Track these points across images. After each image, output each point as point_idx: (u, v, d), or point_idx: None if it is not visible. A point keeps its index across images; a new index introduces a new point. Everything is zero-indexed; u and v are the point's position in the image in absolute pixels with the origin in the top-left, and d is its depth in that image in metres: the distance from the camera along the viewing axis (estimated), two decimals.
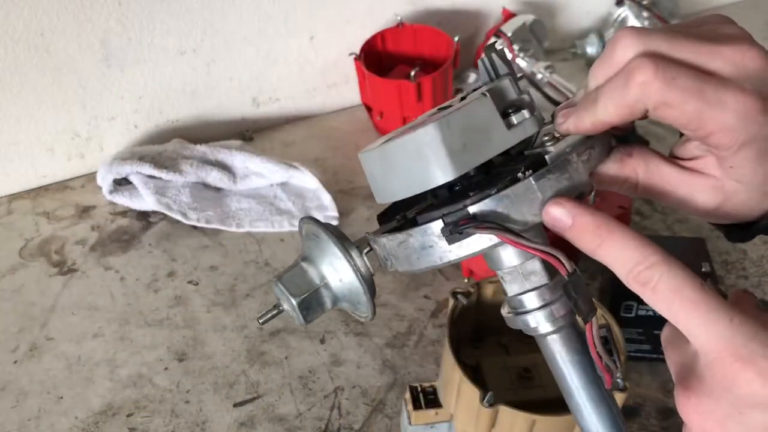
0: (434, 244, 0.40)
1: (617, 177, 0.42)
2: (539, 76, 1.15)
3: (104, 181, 1.04)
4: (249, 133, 1.20)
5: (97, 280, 0.93)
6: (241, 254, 0.97)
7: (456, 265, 0.92)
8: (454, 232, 0.38)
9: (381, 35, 1.18)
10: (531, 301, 0.42)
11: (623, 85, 0.38)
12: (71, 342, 0.84)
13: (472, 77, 1.25)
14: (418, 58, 1.20)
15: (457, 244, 0.39)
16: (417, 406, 0.65)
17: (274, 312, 0.45)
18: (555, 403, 0.65)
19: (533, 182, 0.38)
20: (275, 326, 0.86)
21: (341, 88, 1.24)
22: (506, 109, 0.40)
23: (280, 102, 1.21)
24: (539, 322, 0.43)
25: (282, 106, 1.21)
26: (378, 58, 1.18)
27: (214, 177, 1.03)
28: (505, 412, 0.60)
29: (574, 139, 0.41)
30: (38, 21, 0.98)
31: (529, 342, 0.73)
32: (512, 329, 0.76)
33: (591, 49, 1.22)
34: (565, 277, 0.39)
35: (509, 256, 0.42)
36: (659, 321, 0.80)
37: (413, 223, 0.41)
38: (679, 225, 0.99)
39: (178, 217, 1.00)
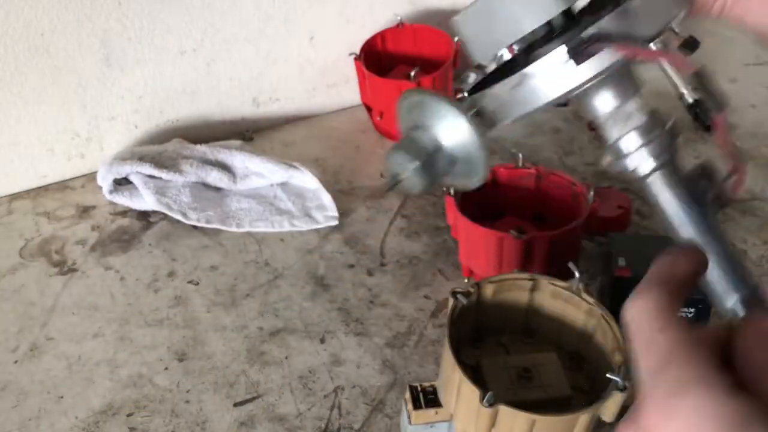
0: (556, 73, 0.41)
1: None
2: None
3: (104, 181, 1.04)
4: (249, 133, 1.20)
5: (97, 280, 0.93)
6: (242, 254, 0.97)
7: (456, 265, 0.92)
8: (579, 53, 0.39)
9: (381, 35, 1.18)
10: (631, 142, 0.44)
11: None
12: (71, 342, 0.85)
13: (472, 77, 1.25)
14: (418, 58, 1.20)
15: (580, 66, 0.40)
16: (417, 405, 0.65)
17: (394, 183, 0.46)
18: (555, 403, 0.65)
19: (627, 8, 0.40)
20: (275, 326, 0.86)
21: (341, 88, 1.24)
22: None
23: (280, 102, 1.21)
24: (640, 163, 0.44)
25: (282, 106, 1.21)
26: (378, 58, 1.18)
27: (214, 177, 1.04)
28: (505, 411, 0.60)
29: None
30: (38, 21, 0.98)
31: (530, 342, 0.73)
32: (513, 329, 0.76)
33: None
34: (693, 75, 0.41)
35: (610, 99, 0.43)
36: None
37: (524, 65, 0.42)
38: None
39: (179, 217, 1.00)
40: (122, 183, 1.05)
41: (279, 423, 0.75)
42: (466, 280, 0.90)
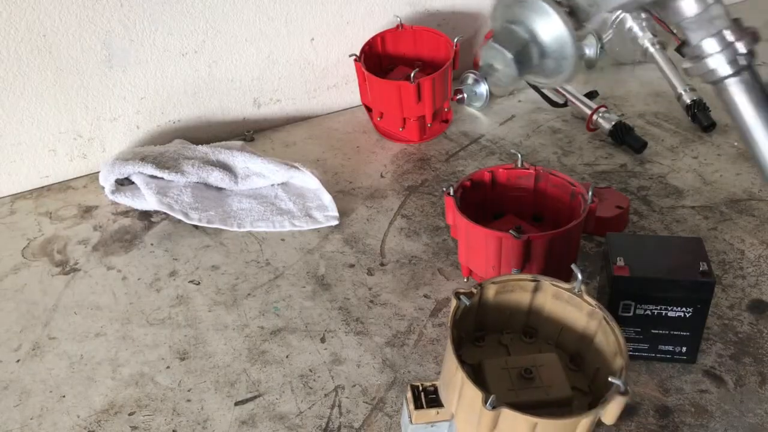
0: None
1: None
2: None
3: (106, 181, 1.04)
4: (250, 133, 1.20)
5: (99, 280, 0.93)
6: (243, 254, 0.97)
7: (456, 265, 0.93)
8: None
9: (381, 36, 1.18)
10: (714, 44, 0.45)
11: None
12: (73, 341, 0.85)
13: (470, 78, 1.26)
14: (418, 59, 1.20)
15: None
16: (418, 405, 0.65)
17: (488, 71, 0.49)
18: (555, 404, 0.65)
19: None
20: (276, 325, 0.86)
21: (341, 89, 1.24)
22: None
23: (280, 103, 1.21)
24: (720, 64, 0.46)
25: (283, 106, 1.22)
26: (378, 60, 1.19)
27: (216, 177, 1.04)
28: (507, 414, 0.60)
29: None
30: (41, 22, 0.98)
31: (530, 342, 0.74)
32: (513, 329, 0.76)
33: (589, 51, 1.23)
34: None
35: (692, 3, 0.45)
36: (657, 320, 0.80)
37: None
38: (677, 225, 0.99)
39: (180, 217, 1.00)
40: (124, 183, 1.06)
41: (280, 421, 0.75)
42: (465, 280, 0.91)
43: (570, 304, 0.72)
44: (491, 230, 0.82)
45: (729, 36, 0.46)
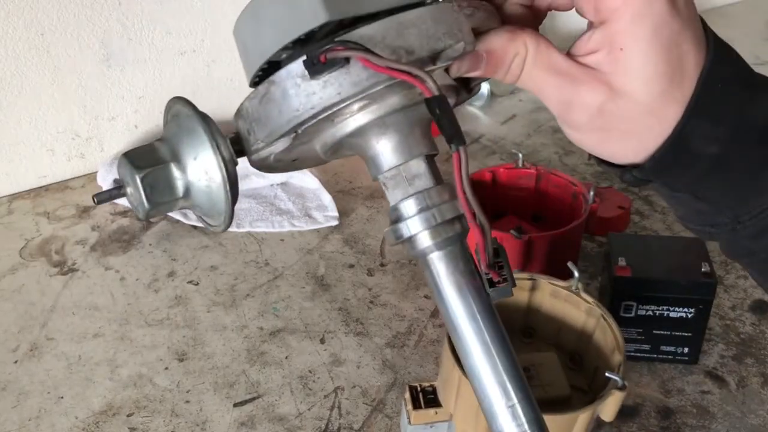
0: (298, 88, 0.34)
1: (505, 47, 0.37)
2: None
3: (104, 181, 1.04)
4: None
5: (97, 280, 0.93)
6: (242, 254, 0.97)
7: None
8: (317, 62, 0.33)
9: None
10: (412, 207, 0.37)
11: None
12: (71, 342, 0.85)
13: None
14: None
15: (320, 81, 0.34)
16: (416, 405, 0.65)
17: (114, 192, 0.39)
18: (554, 402, 0.65)
19: (405, 17, 0.34)
20: (276, 326, 0.86)
21: None
22: None
23: None
24: (422, 237, 0.37)
25: None
26: None
27: None
28: None
29: None
30: (38, 21, 0.98)
31: (529, 342, 0.73)
32: (511, 329, 0.76)
33: None
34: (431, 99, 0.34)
35: (390, 153, 0.37)
36: (659, 321, 0.80)
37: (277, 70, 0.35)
38: (678, 225, 0.99)
39: (179, 217, 1.00)
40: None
41: (279, 423, 0.75)
42: None
43: (568, 303, 0.71)
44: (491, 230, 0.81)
45: (432, 198, 0.37)
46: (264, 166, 0.39)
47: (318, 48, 0.33)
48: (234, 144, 0.38)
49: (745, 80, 0.38)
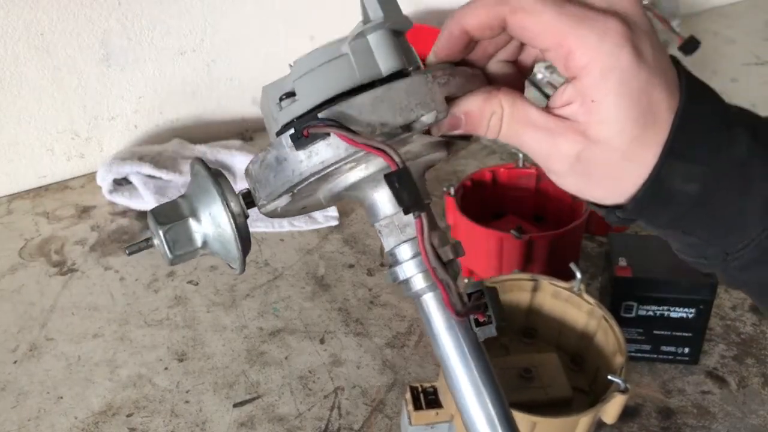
0: (288, 156, 0.39)
1: (482, 108, 0.40)
2: (539, 76, 1.14)
3: (104, 181, 1.04)
4: (249, 133, 1.20)
5: (96, 280, 0.93)
6: None
7: None
8: (301, 135, 0.38)
9: None
10: (406, 252, 0.41)
11: None
12: (71, 342, 0.84)
13: None
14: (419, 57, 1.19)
15: (306, 151, 0.38)
16: (417, 406, 0.65)
17: (143, 244, 0.45)
18: (555, 404, 0.65)
19: (379, 92, 0.38)
20: (275, 326, 0.86)
21: None
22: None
23: None
24: (415, 279, 0.41)
25: None
26: None
27: None
28: None
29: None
30: (38, 21, 0.98)
31: (530, 342, 0.73)
32: (513, 329, 0.76)
33: None
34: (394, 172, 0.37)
35: (385, 203, 0.41)
36: (660, 321, 0.80)
37: None
38: None
39: None
40: (122, 183, 1.05)
41: (279, 423, 0.74)
42: (466, 281, 0.90)
43: (569, 304, 0.71)
44: (492, 230, 0.81)
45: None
46: (275, 215, 0.44)
47: (302, 124, 0.37)
48: (246, 197, 0.42)
49: (721, 118, 0.39)
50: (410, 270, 0.41)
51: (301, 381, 0.79)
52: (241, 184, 1.15)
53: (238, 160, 1.05)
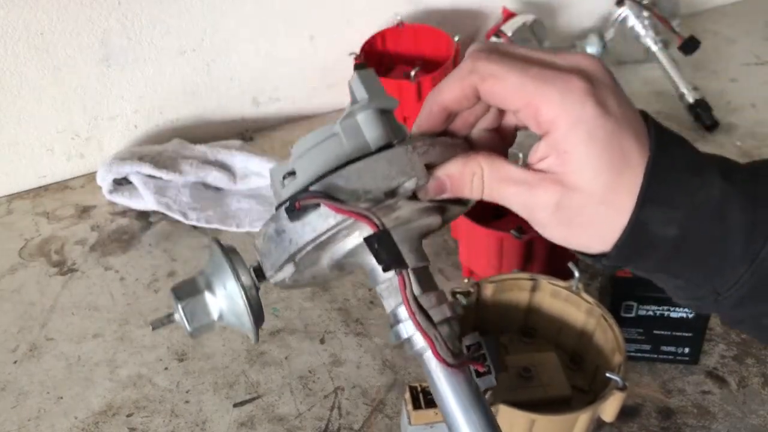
0: (285, 228, 0.42)
1: (462, 171, 0.42)
2: None
3: (104, 180, 1.04)
4: (249, 133, 1.20)
5: (96, 280, 0.93)
6: (242, 254, 0.96)
7: (456, 266, 0.92)
8: (294, 208, 0.41)
9: (381, 35, 1.18)
10: (404, 312, 0.43)
11: (458, 66, 0.42)
12: (71, 342, 0.84)
13: None
14: (419, 58, 1.19)
15: (300, 222, 0.41)
16: (417, 405, 0.65)
17: (165, 320, 0.48)
18: (555, 402, 0.65)
19: (363, 163, 0.41)
20: (275, 326, 0.86)
21: (341, 88, 1.24)
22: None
23: (280, 102, 1.21)
24: (416, 338, 0.43)
25: (282, 106, 1.21)
26: (378, 58, 1.18)
27: (214, 177, 1.03)
28: (505, 411, 0.60)
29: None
30: (38, 21, 0.97)
31: (529, 342, 0.73)
32: (512, 329, 0.76)
33: (591, 49, 1.22)
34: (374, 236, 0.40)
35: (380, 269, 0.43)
36: (659, 321, 0.80)
37: None
38: None
39: (178, 217, 1.00)
40: (122, 183, 1.05)
41: (279, 423, 0.74)
42: (466, 280, 0.90)
43: (568, 303, 0.71)
44: (492, 230, 0.81)
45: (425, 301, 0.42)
46: (285, 286, 0.47)
47: (295, 198, 0.41)
48: (257, 271, 0.46)
49: (692, 163, 0.41)
50: (411, 329, 0.43)
51: (301, 381, 0.79)
52: (240, 184, 1.14)
53: (238, 160, 1.05)
